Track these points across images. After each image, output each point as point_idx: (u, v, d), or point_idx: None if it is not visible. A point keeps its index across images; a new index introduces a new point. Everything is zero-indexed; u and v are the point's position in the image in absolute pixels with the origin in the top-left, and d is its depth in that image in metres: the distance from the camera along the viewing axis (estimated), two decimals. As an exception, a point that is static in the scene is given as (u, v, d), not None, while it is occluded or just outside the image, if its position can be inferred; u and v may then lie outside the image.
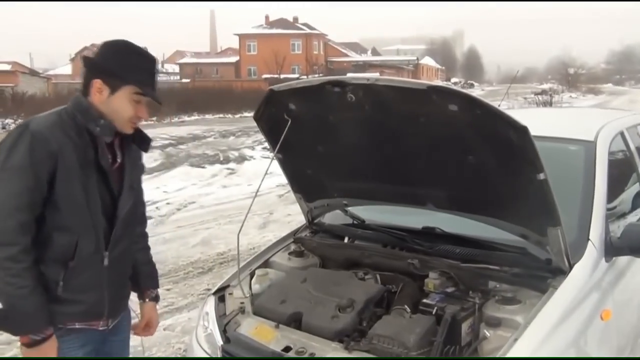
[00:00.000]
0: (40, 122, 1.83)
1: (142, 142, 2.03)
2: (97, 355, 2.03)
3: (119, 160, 1.98)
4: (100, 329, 2.00)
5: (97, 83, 1.88)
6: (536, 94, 29.38)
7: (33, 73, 42.50)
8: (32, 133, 1.78)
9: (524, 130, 1.83)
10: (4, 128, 20.07)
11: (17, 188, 1.76)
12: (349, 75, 2.52)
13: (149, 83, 1.92)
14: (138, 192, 2.08)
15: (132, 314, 2.28)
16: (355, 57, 65.02)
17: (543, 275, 2.11)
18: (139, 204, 2.15)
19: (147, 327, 2.30)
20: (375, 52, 79.32)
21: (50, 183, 1.80)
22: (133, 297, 2.26)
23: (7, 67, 39.10)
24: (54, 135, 1.80)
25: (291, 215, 7.45)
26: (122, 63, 1.88)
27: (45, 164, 1.77)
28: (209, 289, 4.57)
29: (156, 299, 2.30)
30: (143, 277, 2.25)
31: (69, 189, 1.82)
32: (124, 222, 1.97)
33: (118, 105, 1.89)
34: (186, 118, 28.65)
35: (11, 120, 21.69)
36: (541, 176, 1.90)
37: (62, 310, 1.88)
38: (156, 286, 2.31)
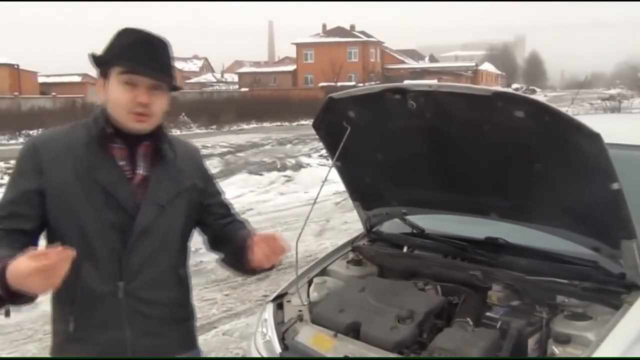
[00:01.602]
0: (45, 134, 1.72)
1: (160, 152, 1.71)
2: None
3: (139, 172, 1.67)
4: None
5: (99, 80, 1.69)
6: (603, 99, 28.07)
7: (101, 84, 44.43)
8: (29, 145, 1.66)
9: (596, 137, 1.74)
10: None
11: (2, 201, 1.62)
12: (407, 82, 2.48)
13: (136, 58, 1.60)
14: (178, 206, 1.72)
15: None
16: (412, 64, 64.51)
17: (616, 291, 1.99)
18: (212, 211, 1.83)
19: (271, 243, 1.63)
20: (432, 59, 78.46)
21: (41, 200, 1.59)
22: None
23: (78, 79, 41.25)
24: (50, 147, 1.62)
25: (348, 222, 7.43)
26: (109, 46, 1.66)
27: (30, 178, 1.60)
28: (266, 296, 4.61)
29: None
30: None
31: (62, 207, 1.59)
32: (142, 243, 1.64)
33: (112, 93, 1.63)
34: (245, 126, 29.30)
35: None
36: (615, 186, 1.80)
37: (76, 349, 1.63)
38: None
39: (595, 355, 1.74)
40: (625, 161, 2.14)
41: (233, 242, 1.79)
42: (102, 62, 1.65)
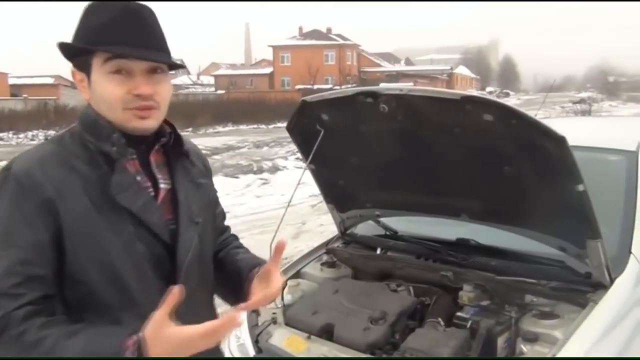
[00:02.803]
0: (27, 159, 1.25)
1: (178, 147, 1.41)
2: None
3: (162, 185, 1.34)
4: None
5: (74, 74, 1.32)
6: (574, 102, 28.68)
7: (74, 86, 43.84)
8: (15, 178, 1.20)
9: (561, 140, 1.78)
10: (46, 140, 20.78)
11: (5, 265, 1.15)
12: (382, 85, 2.51)
13: (124, 38, 1.23)
14: (208, 220, 1.44)
15: None
16: (388, 67, 64.94)
17: (582, 290, 2.04)
18: (217, 225, 1.56)
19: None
20: (408, 62, 79.08)
21: (57, 250, 1.20)
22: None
23: (50, 81, 40.53)
24: (48, 173, 1.21)
25: (324, 225, 7.44)
26: (81, 29, 1.27)
27: (38, 223, 1.18)
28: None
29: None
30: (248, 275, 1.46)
31: (85, 248, 1.21)
32: (191, 274, 1.31)
33: (98, 89, 1.26)
34: (221, 129, 29.18)
35: (54, 132, 22.56)
36: (580, 187, 1.85)
37: None
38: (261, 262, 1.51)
39: (560, 354, 1.79)
40: (592, 163, 2.20)
41: (231, 268, 1.53)
42: (79, 52, 1.27)
